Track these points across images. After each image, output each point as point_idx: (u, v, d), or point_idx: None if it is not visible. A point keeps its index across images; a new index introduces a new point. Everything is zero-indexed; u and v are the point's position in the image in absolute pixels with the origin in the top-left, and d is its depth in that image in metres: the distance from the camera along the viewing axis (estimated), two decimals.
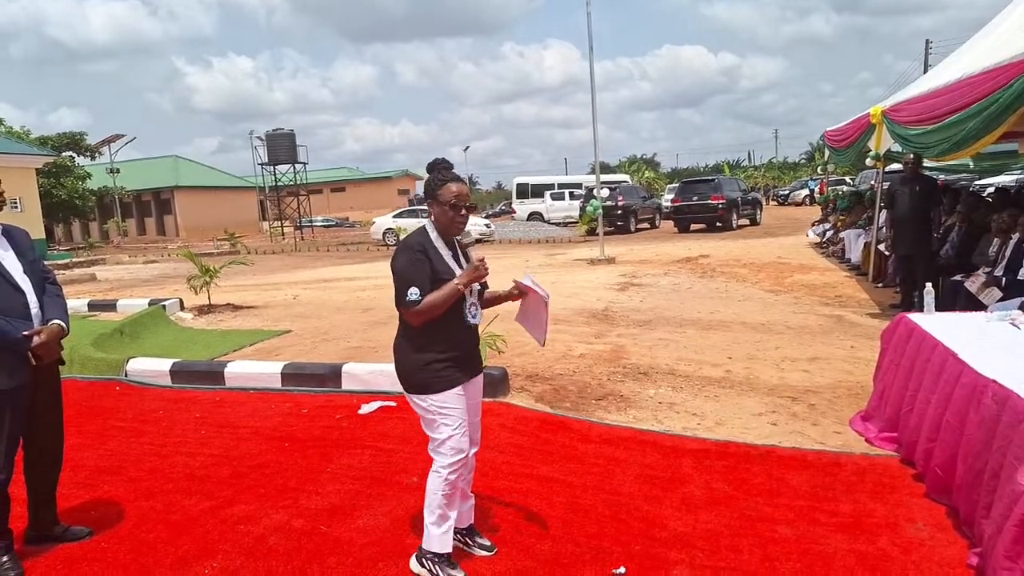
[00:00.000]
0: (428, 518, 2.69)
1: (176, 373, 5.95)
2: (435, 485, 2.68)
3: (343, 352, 6.70)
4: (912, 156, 7.59)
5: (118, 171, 38.73)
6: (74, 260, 23.35)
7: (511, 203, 38.55)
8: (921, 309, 4.47)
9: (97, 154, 38.63)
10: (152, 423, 4.90)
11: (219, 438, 4.48)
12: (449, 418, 2.67)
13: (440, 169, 2.72)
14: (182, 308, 9.78)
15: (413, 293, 2.56)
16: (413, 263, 2.60)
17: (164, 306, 9.38)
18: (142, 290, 13.86)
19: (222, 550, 3.02)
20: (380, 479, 3.70)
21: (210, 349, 7.24)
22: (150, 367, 6.11)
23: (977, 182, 15.45)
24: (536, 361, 6.05)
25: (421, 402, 2.70)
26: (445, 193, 2.67)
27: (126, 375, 6.09)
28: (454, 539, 2.87)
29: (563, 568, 2.78)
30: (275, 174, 37.80)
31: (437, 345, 2.68)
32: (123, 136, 39.78)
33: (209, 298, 10.07)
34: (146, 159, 48.83)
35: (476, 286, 2.74)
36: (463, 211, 2.70)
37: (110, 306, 10.43)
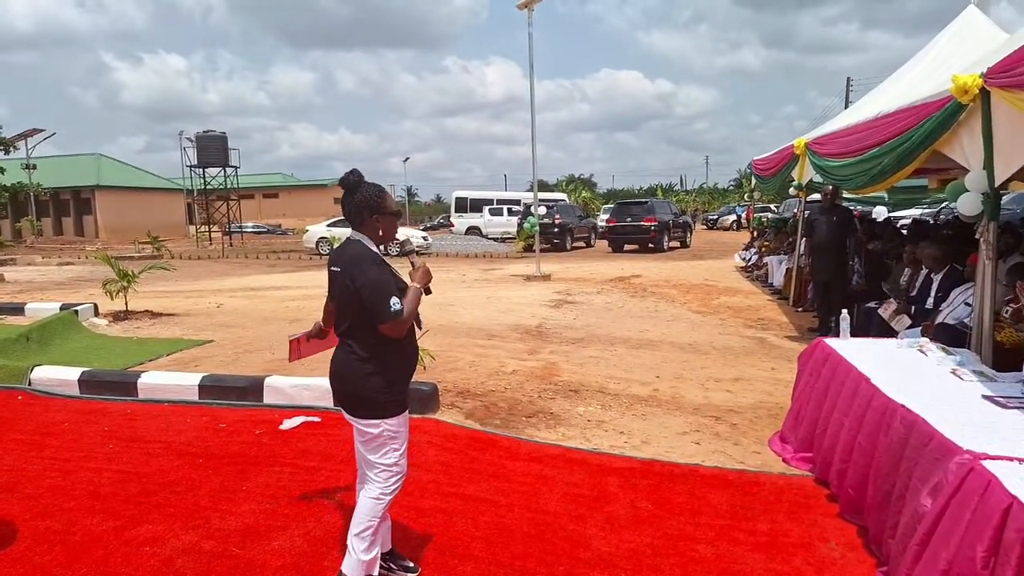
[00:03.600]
0: (359, 545, 2.56)
1: (85, 383, 5.61)
2: (373, 511, 2.56)
3: (267, 364, 6.48)
4: (831, 187, 7.95)
5: (34, 167, 36.65)
6: None
7: (449, 216, 38.45)
8: (837, 334, 4.65)
9: (12, 148, 36.40)
10: (56, 436, 4.60)
11: (128, 453, 4.25)
12: (397, 440, 2.59)
13: (365, 181, 2.62)
14: (96, 314, 9.28)
15: (396, 303, 2.46)
16: (386, 274, 2.52)
17: (76, 311, 8.87)
18: (54, 293, 13.08)
19: (124, 573, 2.84)
20: (299, 498, 3.56)
21: (124, 358, 6.88)
22: (57, 376, 5.75)
23: (891, 214, 16.35)
24: (468, 377, 6.01)
25: (373, 428, 2.55)
26: (389, 203, 2.63)
27: (30, 384, 5.72)
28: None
29: None
30: (204, 177, 36.54)
31: (396, 362, 2.60)
32: (42, 131, 37.66)
33: (126, 304, 9.60)
34: (66, 156, 46.33)
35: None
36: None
37: (17, 309, 9.80)
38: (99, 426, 4.78)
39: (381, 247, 2.68)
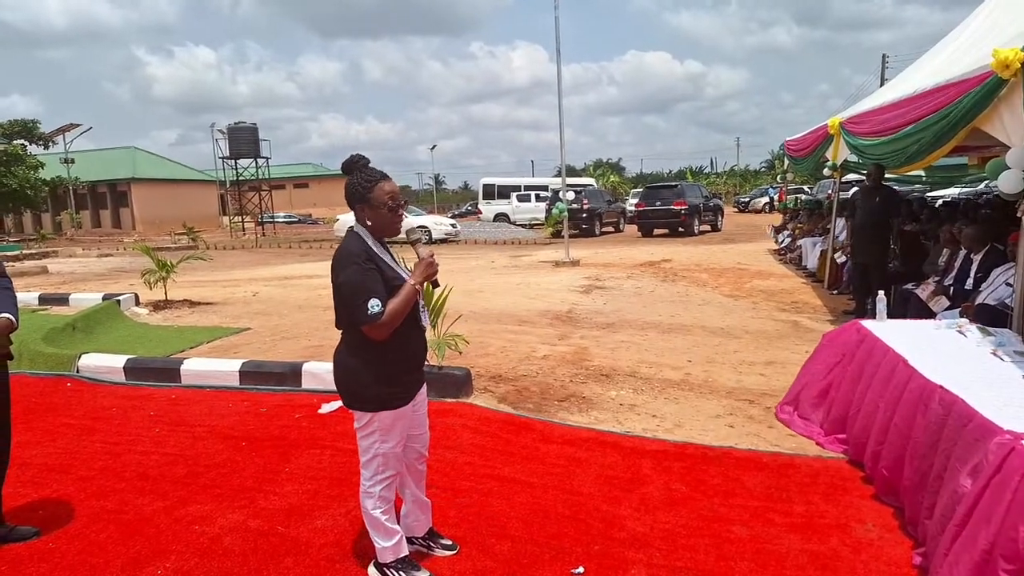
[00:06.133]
0: (374, 535, 2.64)
1: (130, 370, 5.80)
2: (370, 504, 2.60)
3: (303, 350, 6.62)
4: (874, 167, 7.80)
5: (72, 161, 37.60)
6: (25, 252, 22.57)
7: (477, 204, 38.50)
8: (874, 316, 4.60)
9: (51, 143, 37.45)
10: (104, 421, 4.77)
11: (174, 437, 4.39)
12: (390, 435, 2.56)
13: (362, 168, 2.50)
14: (137, 303, 9.54)
15: (374, 305, 2.35)
16: (365, 273, 2.40)
17: (119, 301, 9.13)
18: (96, 284, 13.47)
19: (175, 550, 2.96)
20: (339, 479, 3.66)
21: (166, 346, 7.08)
22: (103, 363, 5.95)
23: (928, 193, 15.98)
24: (500, 362, 6.06)
25: (365, 419, 2.55)
26: (379, 194, 2.47)
27: (78, 371, 5.92)
28: (416, 544, 2.87)
29: (523, 568, 2.80)
30: (236, 168, 37.07)
31: (393, 356, 2.51)
32: (79, 125, 38.66)
33: (166, 293, 9.84)
34: (102, 149, 47.42)
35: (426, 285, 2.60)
36: (400, 210, 2.53)
37: (62, 300, 10.12)
38: (145, 411, 4.95)
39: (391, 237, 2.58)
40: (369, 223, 2.52)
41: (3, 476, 3.10)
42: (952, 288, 6.07)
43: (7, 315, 2.91)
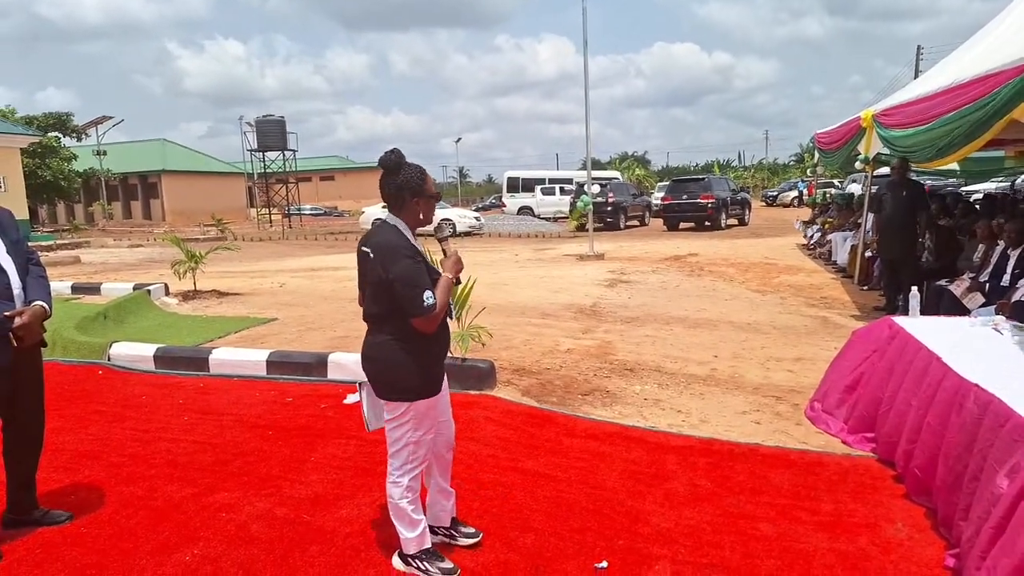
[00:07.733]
0: (399, 526, 2.66)
1: (160, 358, 5.89)
2: (397, 494, 2.62)
3: (329, 341, 6.67)
4: (899, 160, 7.64)
5: (105, 153, 38.29)
6: (58, 242, 23.07)
7: (501, 197, 38.48)
8: (905, 312, 4.51)
9: (84, 135, 38.19)
10: (134, 408, 4.85)
11: (202, 425, 4.45)
12: (424, 423, 2.60)
13: (407, 162, 2.56)
14: (167, 293, 9.70)
15: (429, 297, 2.43)
16: (417, 267, 2.47)
17: (149, 291, 9.30)
18: (127, 274, 13.71)
19: (203, 537, 3.00)
20: (365, 469, 3.68)
21: (195, 335, 7.18)
22: (133, 352, 6.06)
23: (963, 188, 15.62)
24: (523, 355, 6.06)
25: (401, 409, 2.56)
26: (430, 185, 2.57)
27: (109, 359, 6.03)
28: (439, 534, 2.88)
29: (546, 561, 2.79)
30: (264, 161, 37.45)
31: (431, 346, 2.59)
32: (111, 118, 39.38)
33: (195, 284, 9.98)
34: (133, 142, 48.21)
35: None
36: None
37: (94, 289, 10.33)
38: (174, 399, 5.02)
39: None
40: (421, 215, 2.59)
41: (37, 461, 3.17)
42: (987, 284, 5.92)
43: (41, 303, 2.96)
